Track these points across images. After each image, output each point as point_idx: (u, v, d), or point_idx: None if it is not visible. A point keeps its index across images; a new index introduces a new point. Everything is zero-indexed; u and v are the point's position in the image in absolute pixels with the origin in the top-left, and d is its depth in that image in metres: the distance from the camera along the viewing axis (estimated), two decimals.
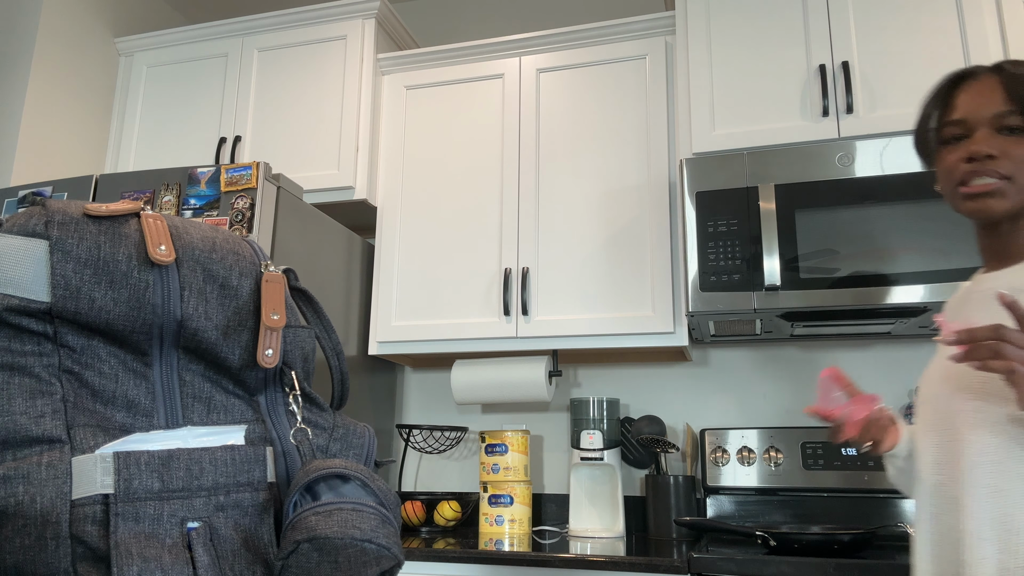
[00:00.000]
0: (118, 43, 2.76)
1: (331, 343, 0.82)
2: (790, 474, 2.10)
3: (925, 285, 1.80)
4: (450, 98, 2.46)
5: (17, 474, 0.60)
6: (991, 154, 1.03)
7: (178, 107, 2.63)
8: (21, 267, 0.65)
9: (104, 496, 0.62)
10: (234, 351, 0.72)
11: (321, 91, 2.49)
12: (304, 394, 0.77)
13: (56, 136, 2.50)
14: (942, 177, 1.10)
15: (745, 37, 2.14)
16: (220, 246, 0.74)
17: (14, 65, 2.45)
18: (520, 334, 2.20)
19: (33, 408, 0.63)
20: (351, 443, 0.78)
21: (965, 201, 1.06)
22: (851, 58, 2.03)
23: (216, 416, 0.71)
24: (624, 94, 2.30)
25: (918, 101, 1.96)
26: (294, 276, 0.81)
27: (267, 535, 0.69)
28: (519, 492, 2.14)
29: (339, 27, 2.53)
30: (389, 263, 2.38)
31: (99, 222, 0.68)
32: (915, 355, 2.22)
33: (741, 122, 2.09)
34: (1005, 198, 1.03)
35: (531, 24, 2.92)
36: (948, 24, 1.98)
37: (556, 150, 2.31)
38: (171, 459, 0.65)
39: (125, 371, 0.68)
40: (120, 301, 0.67)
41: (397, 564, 0.68)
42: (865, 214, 1.86)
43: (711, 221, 1.97)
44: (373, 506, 0.68)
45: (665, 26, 2.30)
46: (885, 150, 1.90)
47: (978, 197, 1.04)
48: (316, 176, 2.41)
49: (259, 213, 1.88)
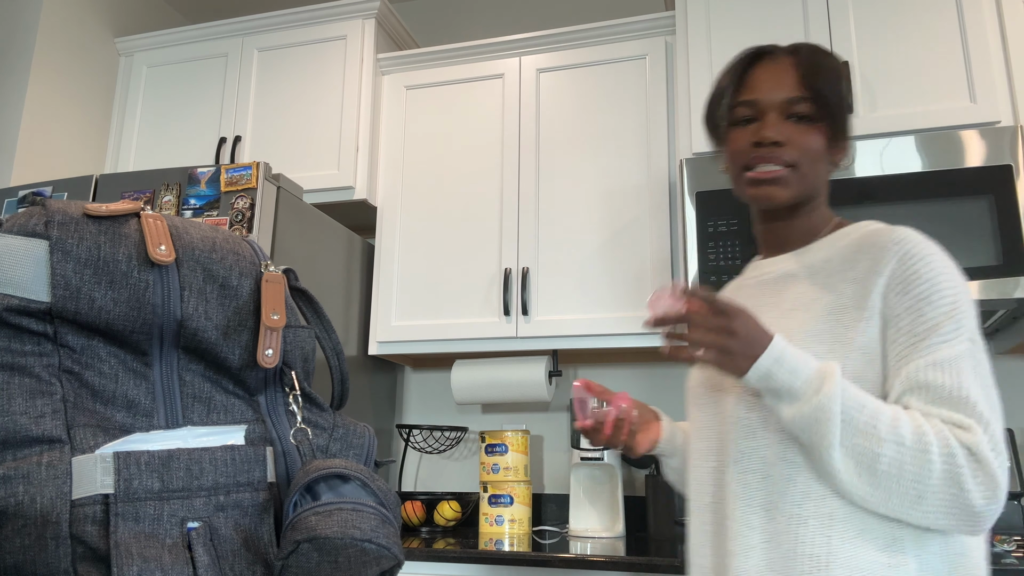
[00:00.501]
0: (118, 43, 2.76)
1: (331, 343, 0.82)
2: None
3: None
4: (450, 98, 2.46)
5: (17, 474, 0.60)
6: (778, 141, 1.01)
7: (178, 107, 2.63)
8: (21, 267, 0.65)
9: (104, 496, 0.62)
10: (234, 351, 0.72)
11: (321, 91, 2.49)
12: (304, 394, 0.77)
13: (56, 136, 2.50)
14: (729, 158, 1.08)
15: (745, 37, 2.14)
16: (220, 246, 0.74)
17: (14, 65, 2.45)
18: (520, 334, 2.20)
19: (33, 408, 0.63)
20: (351, 443, 0.78)
21: (750, 187, 1.04)
22: (851, 58, 2.03)
23: (216, 416, 0.71)
24: (624, 94, 2.30)
25: (918, 101, 1.96)
26: (294, 276, 0.81)
27: (267, 535, 0.69)
28: (519, 492, 2.14)
29: (339, 27, 2.53)
30: (389, 263, 2.38)
31: (99, 222, 0.68)
32: None
33: None
34: (788, 187, 1.02)
35: (531, 24, 2.92)
36: (948, 24, 1.98)
37: (556, 150, 2.31)
38: (171, 459, 0.65)
39: (125, 371, 0.68)
40: (120, 301, 0.67)
41: (397, 564, 0.68)
42: (865, 214, 1.86)
43: (711, 221, 1.97)
44: (373, 506, 0.68)
45: (665, 26, 2.30)
46: (885, 150, 1.90)
47: (763, 184, 1.02)
48: (316, 176, 2.41)
49: (259, 213, 1.88)
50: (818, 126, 1.02)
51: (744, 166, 1.04)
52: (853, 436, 0.85)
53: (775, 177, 1.01)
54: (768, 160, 1.01)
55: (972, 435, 0.84)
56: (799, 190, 1.03)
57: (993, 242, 1.77)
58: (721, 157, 1.12)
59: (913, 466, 0.84)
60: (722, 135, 1.10)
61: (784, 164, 1.01)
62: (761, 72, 1.05)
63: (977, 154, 1.84)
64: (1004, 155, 1.82)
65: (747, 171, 1.04)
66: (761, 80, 1.04)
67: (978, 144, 1.84)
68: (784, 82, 1.03)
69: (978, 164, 1.83)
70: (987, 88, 1.91)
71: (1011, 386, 2.14)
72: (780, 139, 1.01)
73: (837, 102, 1.02)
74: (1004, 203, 1.79)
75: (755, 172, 1.03)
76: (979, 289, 1.76)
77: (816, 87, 1.01)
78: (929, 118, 1.93)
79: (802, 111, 1.01)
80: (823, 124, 1.02)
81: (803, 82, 1.02)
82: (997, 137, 1.83)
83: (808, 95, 1.01)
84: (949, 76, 1.95)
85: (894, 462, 0.84)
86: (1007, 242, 1.76)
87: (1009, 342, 2.05)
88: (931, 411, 0.87)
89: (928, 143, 1.87)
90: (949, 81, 1.95)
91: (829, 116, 1.02)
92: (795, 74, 1.03)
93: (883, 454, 0.84)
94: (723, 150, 1.11)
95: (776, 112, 1.03)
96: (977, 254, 1.78)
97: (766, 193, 1.02)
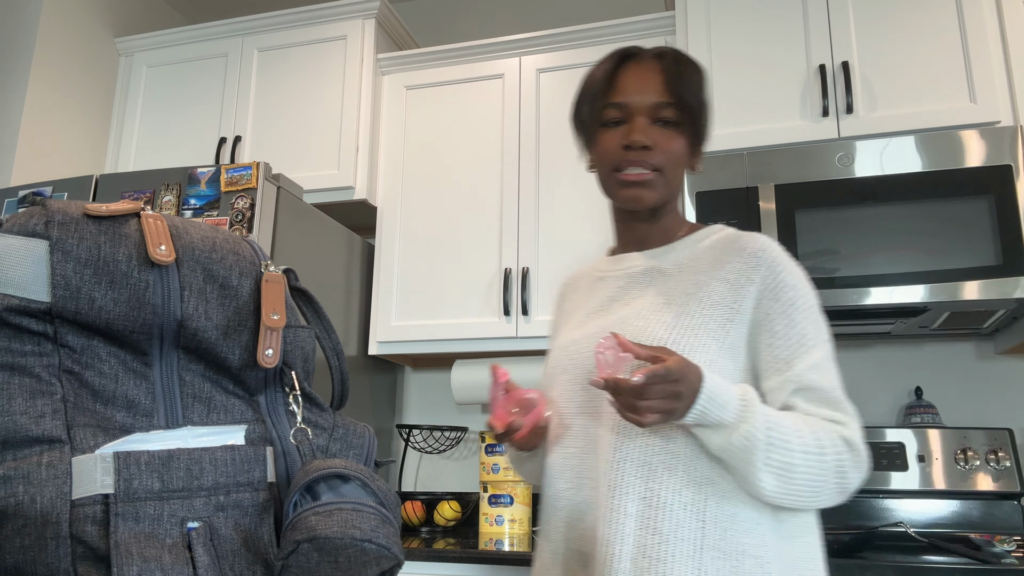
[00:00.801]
0: (118, 43, 2.76)
1: (331, 343, 0.82)
2: None
3: (925, 285, 1.80)
4: (450, 98, 2.46)
5: (17, 474, 0.60)
6: (647, 145, 1.05)
7: (178, 107, 2.63)
8: (21, 267, 0.65)
9: (104, 496, 0.62)
10: (234, 351, 0.72)
11: (321, 91, 2.49)
12: (304, 394, 0.77)
13: (56, 136, 2.50)
14: (598, 158, 1.11)
15: (745, 37, 2.14)
16: (220, 246, 0.74)
17: (14, 65, 2.45)
18: (520, 334, 2.20)
19: (33, 408, 0.63)
20: (351, 443, 0.78)
21: (620, 188, 1.08)
22: (851, 58, 2.03)
23: (216, 416, 0.71)
24: None
25: (918, 101, 1.96)
26: (294, 276, 0.81)
27: (267, 535, 0.69)
28: (519, 492, 2.14)
29: (339, 27, 2.53)
30: (389, 263, 2.38)
31: (99, 222, 0.68)
32: (915, 355, 2.22)
33: (741, 122, 2.09)
34: (656, 190, 1.07)
35: (531, 24, 2.92)
36: (948, 24, 1.98)
37: (556, 150, 2.31)
38: (171, 459, 0.65)
39: (125, 371, 0.68)
40: (120, 301, 0.67)
41: (397, 564, 0.68)
42: (865, 214, 1.86)
43: (711, 221, 1.97)
44: (373, 506, 0.68)
45: (665, 26, 2.30)
46: (885, 150, 1.90)
47: (632, 186, 1.06)
48: (316, 176, 2.41)
49: (259, 213, 1.88)
50: (682, 132, 1.07)
51: (614, 167, 1.08)
52: (773, 453, 0.93)
53: (644, 180, 1.06)
54: (637, 164, 1.06)
55: (847, 429, 0.98)
56: (665, 193, 1.08)
57: (993, 242, 1.77)
58: (586, 154, 1.16)
59: (817, 467, 0.95)
60: (591, 134, 1.13)
61: (652, 168, 1.06)
62: (629, 75, 1.09)
63: (977, 154, 1.84)
64: (1004, 155, 1.82)
65: (617, 172, 1.08)
66: (629, 83, 1.08)
67: (978, 144, 1.84)
68: (651, 86, 1.07)
69: (978, 164, 1.83)
70: (987, 88, 1.91)
71: (1011, 386, 2.14)
72: (648, 143, 1.05)
73: (699, 109, 1.08)
74: (1004, 203, 1.79)
75: (625, 174, 1.07)
76: (979, 289, 1.76)
77: (680, 93, 1.06)
78: (929, 118, 1.93)
79: (667, 116, 1.06)
80: (686, 130, 1.07)
81: (668, 88, 1.06)
82: (997, 137, 1.83)
83: (673, 101, 1.06)
84: (949, 76, 1.95)
85: (804, 467, 0.94)
86: (1007, 242, 1.77)
87: (1009, 342, 2.05)
88: (815, 411, 0.99)
89: (928, 143, 1.87)
90: (949, 81, 1.95)
91: (692, 122, 1.07)
92: (661, 79, 1.07)
93: (796, 463, 0.94)
94: (590, 148, 1.14)
95: (644, 116, 1.06)
96: (977, 254, 1.78)
97: (635, 195, 1.07)
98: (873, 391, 2.22)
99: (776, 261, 1.04)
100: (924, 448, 2.01)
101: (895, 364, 2.23)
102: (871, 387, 2.23)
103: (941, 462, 1.99)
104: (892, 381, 2.22)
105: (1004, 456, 1.96)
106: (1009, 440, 1.98)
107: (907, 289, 1.80)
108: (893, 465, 2.01)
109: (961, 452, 1.98)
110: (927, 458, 2.01)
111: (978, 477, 1.96)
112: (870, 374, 2.23)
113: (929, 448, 2.01)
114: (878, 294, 1.82)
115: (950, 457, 1.99)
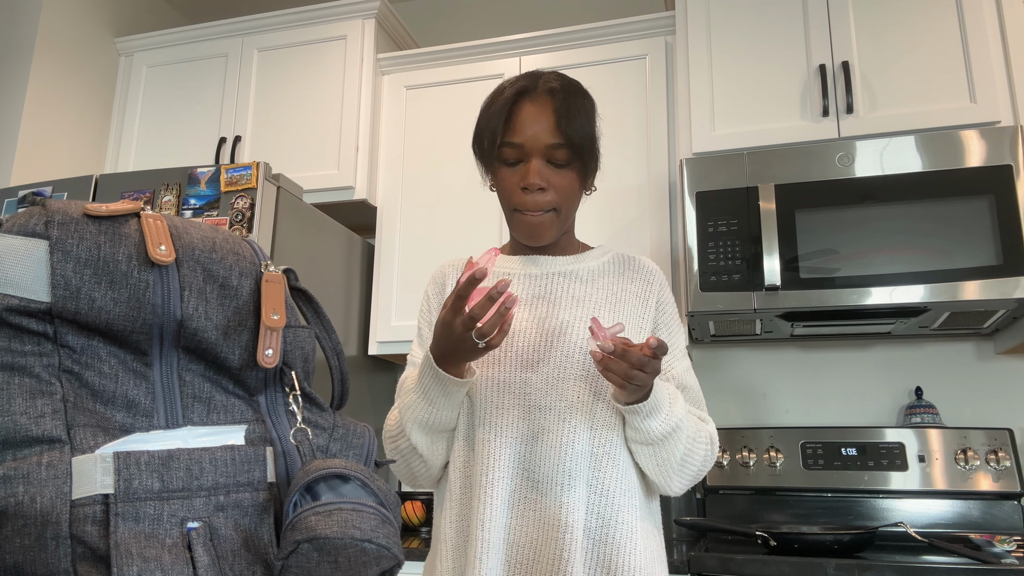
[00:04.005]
0: (118, 43, 2.76)
1: (331, 343, 0.82)
2: (790, 474, 2.10)
3: (925, 285, 1.80)
4: (450, 98, 2.46)
5: (17, 474, 0.60)
6: (543, 187, 1.12)
7: (178, 107, 2.63)
8: (21, 267, 0.65)
9: (104, 496, 0.61)
10: (234, 351, 0.72)
11: (321, 91, 2.49)
12: (304, 394, 0.77)
13: (56, 136, 2.50)
14: (500, 192, 1.18)
15: (745, 37, 2.14)
16: (220, 246, 0.74)
17: (14, 65, 2.45)
18: None
19: (33, 408, 0.63)
20: (351, 443, 0.78)
21: (520, 228, 1.16)
22: (851, 58, 2.03)
23: (216, 416, 0.71)
24: (624, 94, 2.30)
25: (918, 101, 1.96)
26: (294, 276, 0.81)
27: (267, 535, 0.69)
28: None
29: (339, 27, 2.53)
30: (389, 263, 2.38)
31: (99, 222, 0.68)
32: (915, 355, 2.22)
33: (741, 122, 2.09)
34: (552, 228, 1.16)
35: (531, 24, 2.92)
36: (948, 24, 1.98)
37: None
38: (171, 459, 0.65)
39: (125, 371, 0.68)
40: (120, 301, 0.67)
41: (397, 564, 0.68)
42: (865, 214, 1.86)
43: (711, 221, 1.97)
44: (373, 506, 0.68)
45: (665, 26, 2.30)
46: (885, 150, 1.90)
47: (531, 227, 1.15)
48: (316, 176, 2.41)
49: (259, 213, 1.88)
50: (574, 168, 1.14)
51: (513, 208, 1.16)
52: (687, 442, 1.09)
53: (541, 222, 1.15)
54: (535, 207, 1.13)
55: (710, 426, 1.17)
56: (561, 228, 1.18)
57: (993, 242, 1.77)
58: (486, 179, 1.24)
59: (702, 458, 1.13)
60: (490, 165, 1.19)
61: (549, 208, 1.14)
62: (524, 113, 1.13)
63: (977, 154, 1.84)
64: (1004, 155, 1.82)
65: (516, 212, 1.16)
66: (525, 123, 1.13)
67: (978, 144, 1.84)
68: (544, 127, 1.12)
69: (978, 164, 1.83)
70: (987, 88, 1.91)
71: (1011, 386, 2.14)
72: (544, 185, 1.12)
73: (589, 147, 1.14)
74: (1004, 203, 1.79)
75: (524, 216, 1.15)
76: (979, 289, 1.76)
77: (569, 134, 1.11)
78: (929, 118, 1.93)
79: (559, 159, 1.12)
80: (577, 165, 1.15)
81: (559, 128, 1.11)
82: (997, 137, 1.83)
83: (563, 142, 1.11)
84: (949, 76, 1.95)
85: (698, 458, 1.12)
86: (1007, 242, 1.77)
87: (1009, 342, 2.05)
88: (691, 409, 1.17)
89: (928, 143, 1.87)
90: (949, 81, 1.95)
91: (581, 160, 1.14)
92: (553, 120, 1.12)
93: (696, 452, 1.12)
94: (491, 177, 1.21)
95: (538, 157, 1.12)
96: (977, 254, 1.78)
97: (534, 234, 1.16)
98: (873, 391, 2.22)
99: (663, 281, 1.24)
100: (924, 448, 2.01)
101: (895, 364, 2.22)
102: (871, 387, 2.23)
103: (941, 462, 1.99)
104: (892, 381, 2.22)
105: (1004, 456, 1.96)
106: (1009, 440, 1.98)
107: (907, 289, 1.80)
108: (893, 465, 2.01)
109: (961, 452, 1.98)
110: (927, 458, 2.01)
111: (978, 477, 1.96)
112: (870, 374, 2.23)
113: (929, 448, 2.01)
114: (878, 294, 1.82)
115: (950, 457, 1.99)
